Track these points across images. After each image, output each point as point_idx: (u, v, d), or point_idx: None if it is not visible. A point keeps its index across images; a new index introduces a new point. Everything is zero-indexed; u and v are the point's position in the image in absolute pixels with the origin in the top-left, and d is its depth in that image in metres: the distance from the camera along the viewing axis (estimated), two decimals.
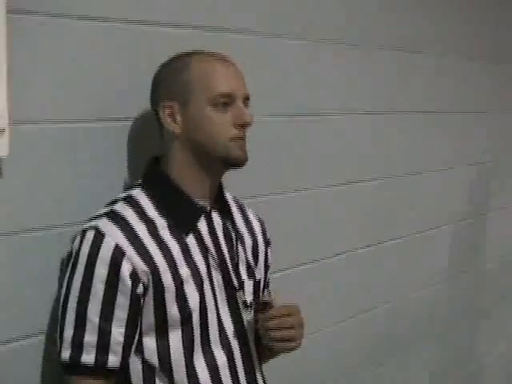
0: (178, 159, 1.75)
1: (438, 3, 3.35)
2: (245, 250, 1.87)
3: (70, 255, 1.69)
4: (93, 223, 1.67)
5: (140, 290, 1.65)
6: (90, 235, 1.65)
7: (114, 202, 1.73)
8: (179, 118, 1.73)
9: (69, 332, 1.63)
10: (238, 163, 1.75)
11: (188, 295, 1.69)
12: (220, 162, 1.74)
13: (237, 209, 1.92)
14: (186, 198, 1.74)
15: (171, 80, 1.74)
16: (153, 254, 1.67)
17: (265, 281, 1.96)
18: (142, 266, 1.64)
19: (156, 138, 1.82)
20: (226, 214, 1.85)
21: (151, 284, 1.66)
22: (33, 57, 1.68)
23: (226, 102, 1.72)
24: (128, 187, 1.81)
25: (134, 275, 1.63)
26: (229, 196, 1.90)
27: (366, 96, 2.89)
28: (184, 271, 1.70)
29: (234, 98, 1.73)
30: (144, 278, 1.65)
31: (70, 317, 1.63)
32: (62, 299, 1.66)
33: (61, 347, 1.64)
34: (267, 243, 1.99)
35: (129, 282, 1.63)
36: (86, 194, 1.82)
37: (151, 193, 1.74)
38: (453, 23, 3.50)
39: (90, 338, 1.62)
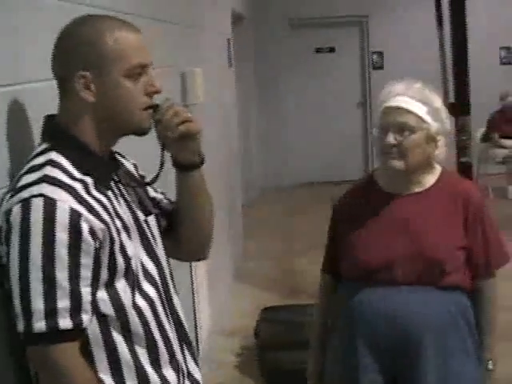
0: (86, 124, 1.78)
1: None
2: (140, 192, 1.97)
3: (8, 229, 1.63)
4: (33, 191, 1.64)
5: (98, 246, 1.68)
6: (39, 202, 1.62)
7: (38, 167, 1.70)
8: (93, 87, 1.75)
9: (39, 302, 1.60)
10: (144, 133, 1.85)
11: (126, 245, 1.76)
12: (130, 130, 1.82)
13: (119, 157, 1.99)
14: (97, 157, 1.80)
15: (85, 50, 1.74)
16: (99, 211, 1.70)
17: (163, 209, 2.05)
18: (98, 224, 1.68)
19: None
20: (117, 164, 1.93)
21: (107, 239, 1.70)
22: None
23: (139, 72, 1.79)
24: (39, 153, 1.75)
25: (93, 234, 1.67)
26: None
27: None
28: (118, 223, 1.76)
29: (146, 68, 1.81)
30: (100, 235, 1.69)
31: (35, 287, 1.61)
32: (17, 273, 1.62)
33: (30, 320, 1.61)
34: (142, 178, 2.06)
35: (91, 241, 1.66)
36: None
37: (67, 155, 1.74)
38: None
39: (64, 303, 1.62)
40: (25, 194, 1.64)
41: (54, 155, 1.72)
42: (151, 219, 1.93)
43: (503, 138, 9.68)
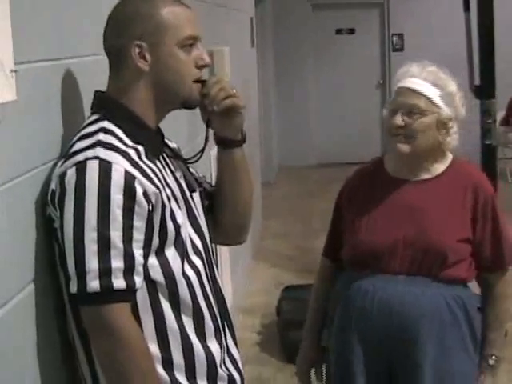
0: (139, 95, 1.81)
1: None
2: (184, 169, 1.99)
3: (62, 192, 1.65)
4: (88, 154, 1.67)
5: (150, 209, 1.70)
6: (94, 165, 1.65)
7: (91, 134, 1.73)
8: (148, 57, 1.78)
9: (93, 262, 1.62)
10: (193, 106, 1.89)
11: (175, 212, 1.78)
12: (180, 102, 1.86)
13: None
14: (148, 129, 1.83)
15: (140, 20, 1.79)
16: (151, 176, 1.72)
17: (205, 189, 2.05)
18: (151, 188, 1.70)
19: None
20: (164, 140, 1.96)
21: (159, 204, 1.72)
22: None
23: (191, 43, 1.83)
24: (91, 122, 1.79)
25: (146, 197, 1.69)
26: None
27: None
28: (168, 191, 1.78)
29: (197, 41, 1.84)
30: (153, 199, 1.71)
31: (90, 247, 1.62)
32: (71, 233, 1.63)
33: (84, 280, 1.63)
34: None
35: (145, 204, 1.68)
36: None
37: (118, 124, 1.77)
38: None
39: (118, 263, 1.64)
40: (80, 157, 1.67)
41: (106, 124, 1.76)
42: (196, 195, 1.95)
43: None
